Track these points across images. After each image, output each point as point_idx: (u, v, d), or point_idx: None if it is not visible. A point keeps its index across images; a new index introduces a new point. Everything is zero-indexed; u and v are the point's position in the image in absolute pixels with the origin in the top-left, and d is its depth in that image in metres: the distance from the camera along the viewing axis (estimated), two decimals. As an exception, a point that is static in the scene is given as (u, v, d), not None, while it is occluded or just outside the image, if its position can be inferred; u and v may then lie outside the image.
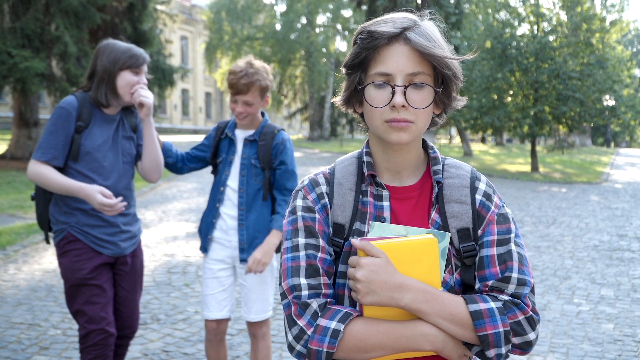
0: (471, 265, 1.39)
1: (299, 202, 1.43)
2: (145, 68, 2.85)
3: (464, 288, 1.40)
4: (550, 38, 20.15)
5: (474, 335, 1.29)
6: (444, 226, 1.40)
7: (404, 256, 1.30)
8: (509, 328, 1.30)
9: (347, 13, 36.74)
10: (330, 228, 1.42)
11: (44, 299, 5.31)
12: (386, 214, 1.41)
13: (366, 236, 1.38)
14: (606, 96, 21.44)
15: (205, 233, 3.15)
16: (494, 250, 1.37)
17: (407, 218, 1.41)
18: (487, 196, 1.43)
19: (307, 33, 35.88)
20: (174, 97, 48.54)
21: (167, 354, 4.18)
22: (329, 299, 1.35)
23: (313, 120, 38.18)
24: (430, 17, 1.42)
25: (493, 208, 1.42)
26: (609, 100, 21.98)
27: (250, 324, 3.21)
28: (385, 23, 1.36)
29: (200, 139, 3.31)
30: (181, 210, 10.32)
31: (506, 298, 1.33)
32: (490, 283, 1.36)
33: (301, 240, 1.39)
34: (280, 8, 39.15)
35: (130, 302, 3.02)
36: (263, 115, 3.20)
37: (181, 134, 43.66)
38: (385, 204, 1.42)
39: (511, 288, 1.34)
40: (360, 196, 1.44)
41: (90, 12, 14.67)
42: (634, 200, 13.62)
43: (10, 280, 5.87)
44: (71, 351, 4.15)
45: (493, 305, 1.31)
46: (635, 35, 62.09)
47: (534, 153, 21.33)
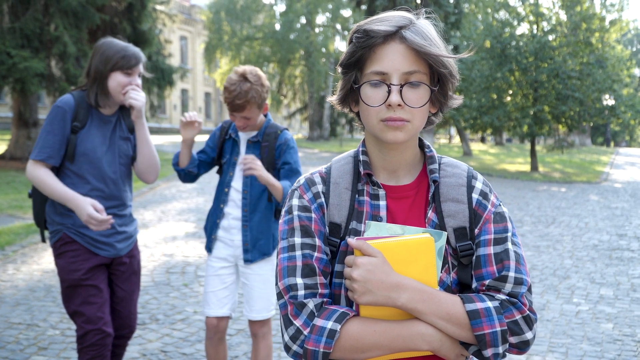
0: (468, 264, 1.39)
1: (295, 202, 1.43)
2: (139, 69, 2.82)
3: (461, 287, 1.39)
4: (550, 37, 20.16)
5: (471, 334, 1.29)
6: (441, 225, 1.39)
7: (401, 255, 1.30)
8: (506, 327, 1.29)
9: (347, 13, 36.72)
10: (327, 227, 1.41)
11: (43, 299, 5.31)
12: (382, 213, 1.40)
13: (362, 235, 1.37)
14: (606, 95, 21.45)
15: (210, 233, 3.16)
16: (491, 249, 1.37)
17: (404, 217, 1.40)
18: (484, 195, 1.43)
19: (307, 33, 35.87)
20: (174, 97, 48.53)
21: (166, 354, 4.17)
22: (325, 299, 1.35)
23: (312, 120, 38.18)
24: (426, 16, 1.42)
25: (490, 207, 1.41)
26: (608, 100, 22.00)
27: (252, 323, 3.20)
28: (381, 22, 1.35)
29: (200, 139, 3.28)
30: (180, 210, 10.31)
31: (503, 297, 1.33)
32: (487, 282, 1.35)
33: (297, 239, 1.38)
34: (280, 8, 39.14)
35: (128, 303, 3.01)
36: (266, 115, 3.18)
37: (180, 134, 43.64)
38: (382, 203, 1.41)
39: (508, 287, 1.34)
40: (357, 195, 1.43)
41: (89, 12, 14.66)
42: (634, 199, 13.62)
43: (8, 281, 5.87)
44: (69, 351, 4.15)
45: (490, 304, 1.30)
46: (634, 34, 62.10)
47: (533, 153, 21.33)
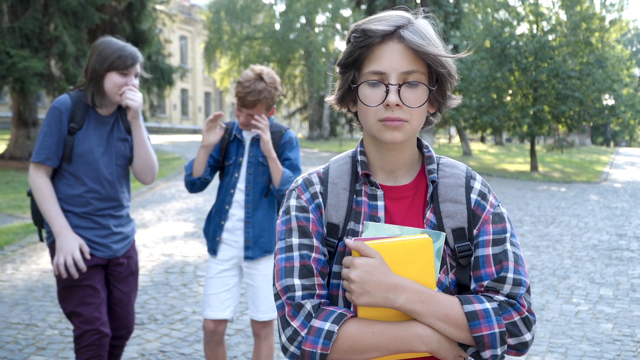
0: (466, 265, 1.38)
1: (293, 202, 1.42)
2: (136, 69, 2.80)
3: (459, 288, 1.39)
4: (550, 37, 20.16)
5: (469, 336, 1.28)
6: (439, 226, 1.38)
7: (399, 256, 1.29)
8: (505, 329, 1.28)
9: (347, 13, 36.72)
10: (324, 228, 1.40)
11: (41, 299, 5.30)
12: (380, 213, 1.39)
13: (360, 236, 1.37)
14: (605, 95, 21.46)
15: (214, 235, 3.13)
16: (490, 250, 1.36)
17: (402, 218, 1.40)
18: (483, 195, 1.42)
19: (307, 33, 35.86)
20: (173, 97, 48.53)
21: (164, 354, 4.16)
22: (323, 300, 1.34)
23: (312, 120, 38.18)
24: (424, 15, 1.41)
25: (488, 207, 1.41)
26: (608, 100, 22.00)
27: (255, 323, 3.20)
28: (379, 21, 1.35)
29: (200, 139, 3.28)
30: (179, 210, 10.31)
31: (502, 298, 1.32)
32: (485, 283, 1.34)
33: (295, 240, 1.37)
34: (280, 8, 39.13)
35: (125, 303, 3.00)
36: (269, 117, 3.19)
37: (180, 134, 43.68)
38: (380, 203, 1.40)
39: (507, 288, 1.33)
40: (355, 196, 1.42)
41: (89, 12, 14.65)
42: (634, 199, 13.61)
43: (7, 281, 5.86)
44: (68, 351, 4.14)
45: (488, 305, 1.29)
46: (634, 34, 62.11)
47: (533, 152, 21.33)
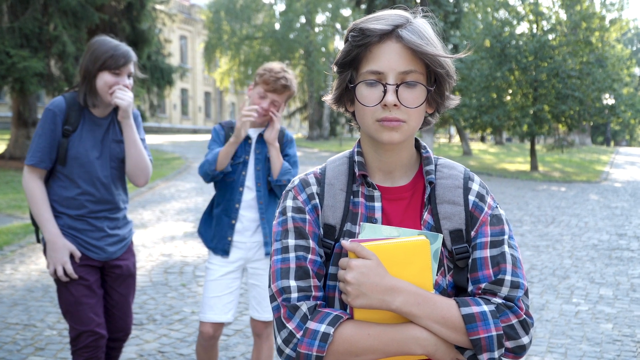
0: (464, 267, 1.37)
1: (289, 203, 1.41)
2: (129, 68, 2.77)
3: (457, 290, 1.37)
4: (550, 37, 20.15)
5: (466, 339, 1.27)
6: (437, 227, 1.37)
7: (396, 258, 1.28)
8: (502, 332, 1.27)
9: (346, 12, 36.71)
10: (321, 229, 1.39)
11: (40, 299, 5.29)
12: (377, 214, 1.38)
13: (357, 237, 1.36)
14: (606, 95, 21.45)
15: (223, 235, 3.07)
16: (487, 252, 1.35)
17: (399, 219, 1.38)
18: (481, 197, 1.41)
19: (306, 32, 35.85)
20: (173, 97, 48.53)
21: (163, 354, 4.15)
22: (318, 302, 1.33)
23: (312, 120, 38.17)
24: (423, 15, 1.40)
25: (486, 209, 1.40)
26: (608, 99, 21.99)
27: (257, 323, 3.19)
28: (377, 20, 1.33)
29: (200, 138, 3.23)
30: (179, 210, 10.29)
31: (499, 301, 1.31)
32: (483, 286, 1.33)
33: (291, 241, 1.36)
34: (280, 7, 39.12)
35: (123, 305, 2.98)
36: None
37: (180, 134, 43.66)
38: (377, 204, 1.39)
39: (504, 291, 1.32)
40: (352, 197, 1.41)
41: (88, 12, 14.64)
42: (634, 199, 13.60)
43: (6, 281, 5.85)
44: (66, 352, 4.13)
45: (486, 308, 1.28)
46: (634, 33, 62.10)
47: (533, 152, 21.32)
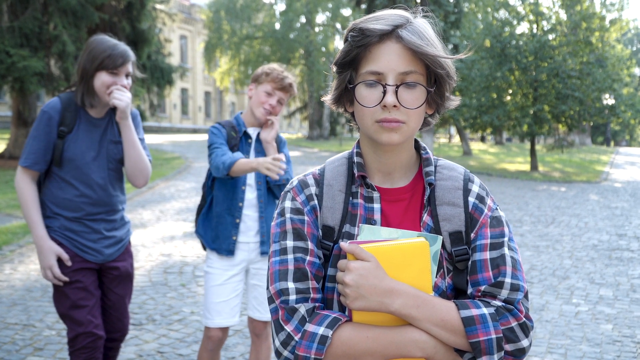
0: (463, 269, 1.36)
1: (288, 204, 1.40)
2: (127, 68, 2.74)
3: (456, 293, 1.36)
4: (550, 37, 20.13)
5: (465, 341, 1.26)
6: (436, 229, 1.36)
7: (395, 260, 1.27)
8: (502, 335, 1.26)
9: (347, 12, 36.72)
10: (320, 230, 1.38)
11: (40, 299, 5.28)
12: (377, 216, 1.37)
13: (356, 239, 1.35)
14: (606, 95, 21.44)
15: (228, 235, 3.03)
16: (487, 255, 1.34)
17: (398, 220, 1.38)
18: (480, 199, 1.40)
19: (307, 32, 35.86)
20: (173, 97, 48.54)
21: (162, 355, 4.14)
22: (317, 304, 1.32)
23: (312, 120, 38.17)
24: (423, 15, 1.38)
25: (486, 211, 1.38)
26: (608, 99, 21.99)
27: (257, 323, 3.18)
28: (377, 20, 1.32)
29: (200, 138, 3.21)
30: (179, 210, 10.28)
31: (499, 304, 1.30)
32: (482, 288, 1.32)
33: (289, 243, 1.35)
34: (280, 7, 39.15)
35: (120, 306, 2.96)
36: None
37: (180, 133, 43.65)
38: (376, 206, 1.38)
39: (504, 293, 1.31)
40: (351, 198, 1.40)
41: (88, 11, 14.63)
42: (634, 199, 13.59)
43: (5, 280, 5.84)
44: (65, 352, 4.12)
45: (485, 311, 1.27)
46: (634, 34, 62.10)
47: (533, 152, 21.31)
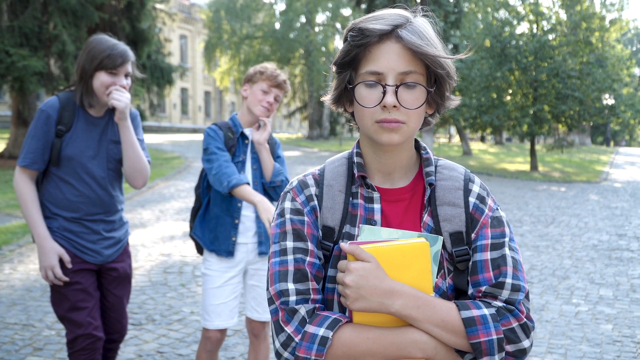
0: (464, 270, 1.35)
1: (288, 205, 1.39)
2: (127, 68, 2.72)
3: (457, 293, 1.36)
4: (550, 37, 20.13)
5: (466, 342, 1.25)
6: (437, 229, 1.36)
7: (395, 261, 1.26)
8: (503, 335, 1.26)
9: (347, 12, 36.69)
10: (320, 231, 1.38)
11: (39, 299, 5.28)
12: (377, 216, 1.37)
13: (356, 240, 1.34)
14: (606, 95, 21.44)
15: (227, 236, 3.02)
16: (488, 255, 1.33)
17: (399, 221, 1.37)
18: (481, 199, 1.39)
19: (307, 32, 35.85)
20: (173, 96, 48.51)
21: (162, 355, 4.14)
22: (317, 305, 1.31)
23: (312, 119, 38.15)
24: (423, 14, 1.38)
25: (487, 211, 1.38)
26: (608, 99, 21.99)
27: (255, 324, 3.18)
28: (377, 20, 1.32)
29: (200, 138, 3.19)
30: (179, 210, 10.28)
31: (500, 304, 1.29)
32: (483, 289, 1.32)
33: (289, 243, 1.35)
34: (280, 7, 39.13)
35: (118, 307, 2.95)
36: None
37: (180, 133, 43.64)
38: (376, 206, 1.38)
39: (505, 294, 1.30)
40: (351, 198, 1.39)
41: (88, 11, 14.62)
42: (634, 199, 13.59)
43: (5, 280, 5.84)
44: (65, 352, 4.11)
45: (486, 311, 1.27)
46: (634, 34, 62.09)
47: (533, 152, 21.30)
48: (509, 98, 20.93)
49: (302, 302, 1.30)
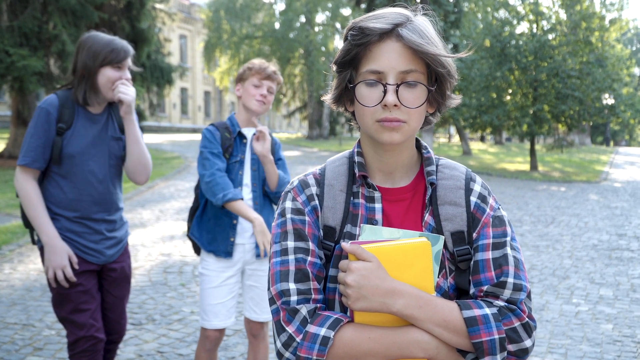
0: (466, 269, 1.35)
1: (288, 204, 1.39)
2: (128, 62, 2.71)
3: (459, 293, 1.36)
4: (550, 37, 20.13)
5: (468, 342, 1.25)
6: (438, 229, 1.35)
7: (396, 260, 1.26)
8: (505, 335, 1.25)
9: (346, 12, 36.70)
10: (321, 231, 1.37)
11: (39, 299, 5.27)
12: (378, 216, 1.36)
13: (357, 239, 1.34)
14: (605, 95, 21.44)
15: (226, 236, 3.02)
16: (489, 254, 1.33)
17: (400, 220, 1.37)
18: (482, 198, 1.39)
19: (306, 32, 35.84)
20: (173, 96, 48.50)
21: (162, 354, 4.13)
22: (318, 305, 1.31)
23: (312, 119, 38.15)
24: (424, 13, 1.37)
25: (488, 210, 1.38)
26: (608, 99, 21.99)
27: (254, 324, 3.18)
28: (377, 19, 1.31)
29: (200, 138, 3.18)
30: (178, 210, 10.27)
31: (502, 304, 1.29)
32: (485, 288, 1.31)
33: (290, 243, 1.34)
34: (279, 7, 39.12)
35: (118, 308, 2.94)
36: None
37: (180, 133, 43.62)
38: (377, 205, 1.37)
39: (507, 293, 1.30)
40: (352, 198, 1.39)
41: (88, 11, 14.62)
42: (633, 199, 13.59)
43: (5, 280, 5.83)
44: (65, 352, 4.11)
45: (488, 311, 1.26)
46: (634, 33, 62.11)
47: (533, 152, 21.30)
48: (508, 98, 20.93)
49: (304, 302, 1.29)
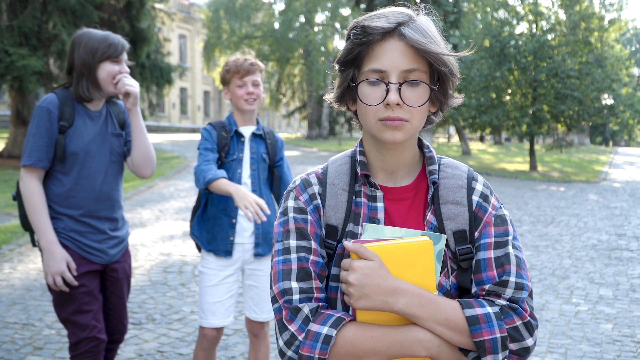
0: (468, 268, 1.35)
1: (291, 203, 1.39)
2: (125, 56, 2.72)
3: (461, 292, 1.36)
4: (549, 37, 20.14)
5: (470, 341, 1.25)
6: (440, 228, 1.35)
7: (398, 259, 1.26)
8: (506, 334, 1.26)
9: (346, 12, 36.70)
10: (323, 230, 1.38)
11: (39, 298, 5.27)
12: (380, 215, 1.37)
13: (359, 238, 1.34)
14: (605, 95, 21.46)
15: (225, 235, 3.02)
16: (491, 253, 1.33)
17: (402, 219, 1.37)
18: (484, 197, 1.39)
19: (306, 32, 35.83)
20: (172, 96, 48.49)
21: (162, 354, 4.13)
22: (321, 303, 1.31)
23: (312, 119, 38.14)
24: (426, 12, 1.38)
25: (490, 209, 1.38)
26: (607, 99, 22.02)
27: (254, 324, 3.18)
28: (379, 18, 1.31)
29: (199, 137, 3.18)
30: (178, 209, 10.27)
31: (503, 303, 1.29)
32: (487, 287, 1.32)
33: (292, 242, 1.35)
34: (279, 6, 39.13)
35: (120, 308, 2.93)
36: None
37: (179, 133, 43.61)
38: (379, 204, 1.37)
39: (509, 292, 1.30)
40: (354, 197, 1.39)
41: (87, 10, 14.60)
42: (633, 199, 13.60)
43: (5, 280, 5.83)
44: (65, 351, 4.11)
45: (490, 310, 1.27)
46: (633, 34, 62.14)
47: (532, 152, 21.31)
48: (508, 98, 20.94)
49: (306, 301, 1.30)
